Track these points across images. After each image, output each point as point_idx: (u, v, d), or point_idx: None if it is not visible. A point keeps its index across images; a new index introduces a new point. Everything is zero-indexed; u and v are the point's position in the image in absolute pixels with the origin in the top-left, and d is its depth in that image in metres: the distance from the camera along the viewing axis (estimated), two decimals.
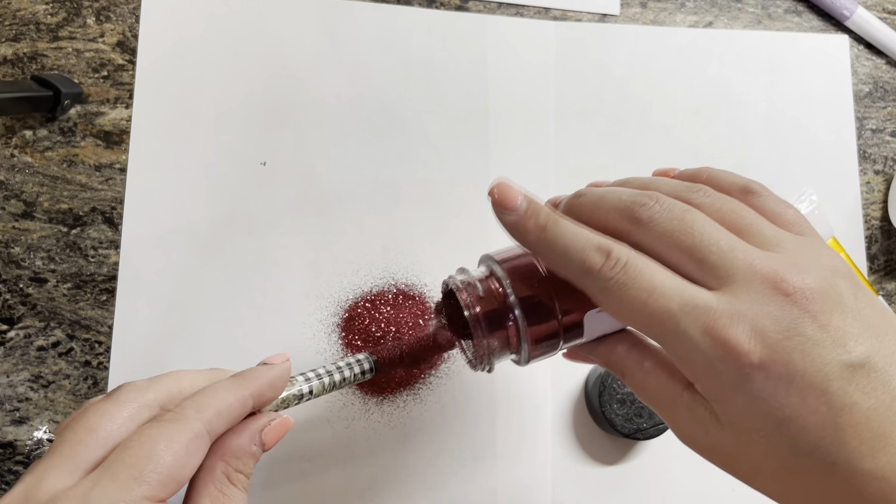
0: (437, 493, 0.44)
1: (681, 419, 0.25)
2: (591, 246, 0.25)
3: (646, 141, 0.50)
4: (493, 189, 0.28)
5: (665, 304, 0.23)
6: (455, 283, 0.30)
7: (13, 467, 0.43)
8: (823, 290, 0.23)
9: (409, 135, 0.49)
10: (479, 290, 0.29)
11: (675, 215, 0.25)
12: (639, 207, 0.25)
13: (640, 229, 0.25)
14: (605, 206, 0.26)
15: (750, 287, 0.23)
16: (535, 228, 0.27)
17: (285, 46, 0.49)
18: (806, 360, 0.22)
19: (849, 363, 0.22)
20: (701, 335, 0.23)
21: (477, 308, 0.28)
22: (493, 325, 0.28)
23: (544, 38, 0.51)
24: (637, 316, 0.24)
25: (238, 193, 0.47)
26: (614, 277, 0.24)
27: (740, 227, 0.25)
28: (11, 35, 0.48)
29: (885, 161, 0.52)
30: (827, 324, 0.22)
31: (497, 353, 0.29)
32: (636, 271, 0.24)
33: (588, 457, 0.46)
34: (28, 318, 0.45)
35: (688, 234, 0.24)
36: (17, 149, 0.47)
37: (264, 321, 0.45)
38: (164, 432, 0.24)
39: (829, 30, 0.54)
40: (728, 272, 0.23)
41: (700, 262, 0.24)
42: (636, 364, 0.27)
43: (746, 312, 0.22)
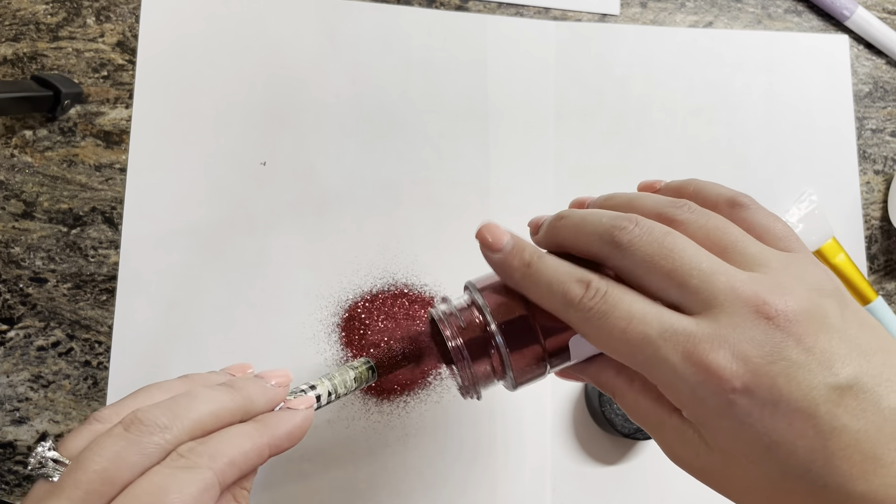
0: (437, 493, 0.44)
1: (671, 442, 0.25)
2: (572, 278, 0.25)
3: (646, 141, 0.50)
4: (480, 230, 0.28)
5: (644, 330, 0.23)
6: (437, 315, 0.30)
7: (13, 467, 0.43)
8: (808, 310, 0.22)
9: (409, 135, 0.49)
10: (461, 320, 0.29)
11: (655, 238, 0.24)
12: (618, 231, 0.25)
13: (621, 253, 0.25)
14: (587, 230, 0.26)
15: (732, 311, 0.22)
16: (520, 266, 0.27)
17: (285, 46, 0.49)
18: (791, 384, 0.21)
19: (836, 385, 0.21)
20: (682, 361, 0.22)
21: (459, 339, 0.28)
22: (475, 354, 0.28)
23: (544, 38, 0.51)
24: (618, 344, 0.24)
25: (238, 193, 0.47)
26: (594, 307, 0.24)
27: (724, 245, 0.25)
28: (11, 35, 0.48)
29: (884, 161, 0.52)
30: (812, 346, 0.22)
31: (483, 381, 0.29)
32: (615, 299, 0.24)
33: (588, 457, 0.46)
34: (28, 318, 0.45)
35: (668, 258, 0.24)
36: (17, 149, 0.47)
37: (264, 321, 0.45)
38: (176, 484, 0.23)
39: (829, 30, 0.54)
40: (709, 297, 0.23)
41: (681, 287, 0.24)
42: (625, 386, 0.27)
43: (728, 337, 0.22)
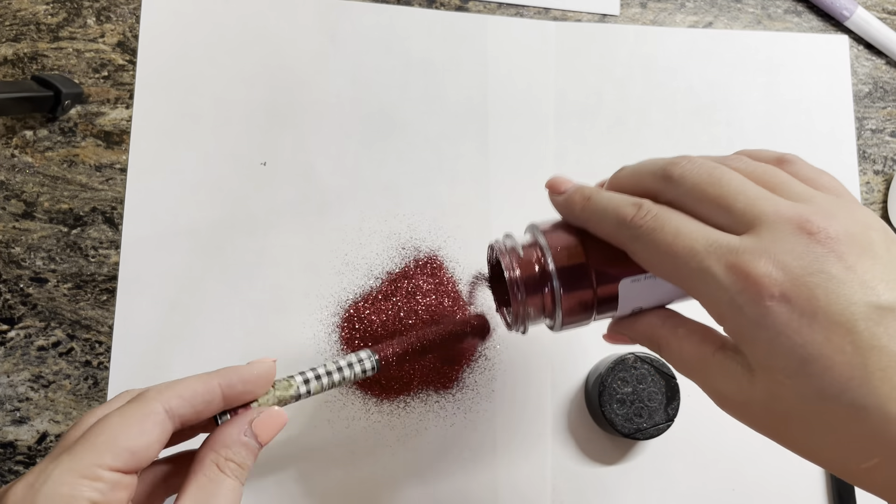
0: (437, 493, 0.44)
1: (715, 378, 0.25)
2: (626, 203, 0.27)
3: (646, 141, 0.50)
4: (549, 180, 0.32)
5: (690, 244, 0.24)
6: (500, 247, 0.31)
7: (13, 467, 0.43)
8: (852, 234, 0.23)
9: (409, 135, 0.49)
10: (521, 254, 0.30)
11: (705, 170, 0.26)
12: (671, 166, 0.27)
13: (672, 186, 0.26)
14: (643, 171, 0.28)
15: (775, 228, 0.23)
16: (581, 200, 0.29)
17: (285, 47, 0.49)
18: (830, 297, 0.22)
19: (877, 305, 0.21)
20: (724, 271, 0.23)
21: (517, 271, 0.30)
22: (530, 288, 0.30)
23: (544, 38, 0.51)
24: (664, 258, 0.25)
25: (238, 193, 0.47)
26: (644, 225, 0.26)
27: (772, 185, 0.26)
28: (12, 35, 0.48)
29: (884, 161, 0.52)
30: (853, 265, 0.22)
31: (532, 316, 0.31)
32: (664, 219, 0.25)
33: (588, 457, 0.46)
34: (28, 318, 0.45)
35: (715, 185, 0.25)
36: (18, 149, 0.47)
37: (264, 321, 0.45)
38: (121, 412, 0.26)
39: (829, 30, 0.54)
40: (754, 217, 0.24)
41: (727, 210, 0.25)
42: (671, 332, 0.28)
43: (769, 249, 0.23)
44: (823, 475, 0.47)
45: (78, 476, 0.24)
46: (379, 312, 0.45)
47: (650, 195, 0.27)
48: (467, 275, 0.47)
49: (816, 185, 0.26)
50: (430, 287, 0.46)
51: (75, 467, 0.24)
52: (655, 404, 0.42)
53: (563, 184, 0.31)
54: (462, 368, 0.46)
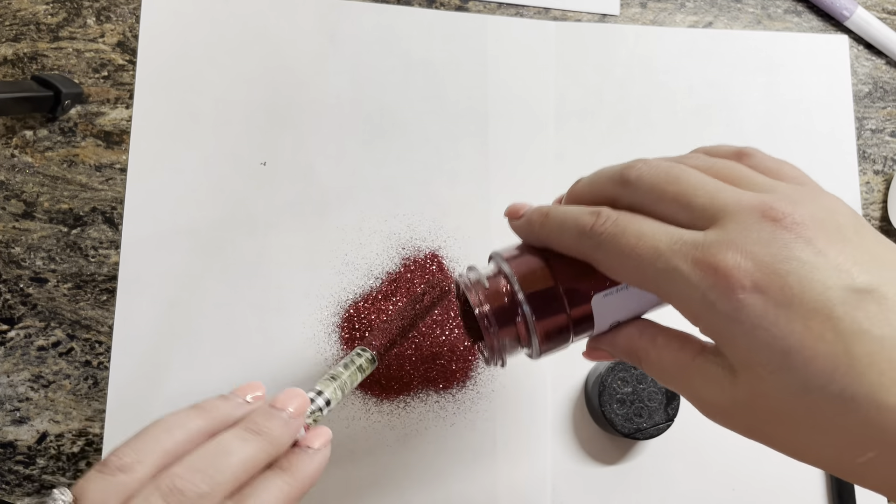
0: (437, 493, 0.44)
1: (696, 385, 0.25)
2: (584, 212, 0.26)
3: (646, 141, 0.50)
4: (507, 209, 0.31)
5: (653, 244, 0.24)
6: (464, 282, 0.31)
7: (13, 467, 0.43)
8: (819, 219, 0.22)
9: (409, 135, 0.49)
10: (486, 286, 0.30)
11: (662, 170, 0.25)
12: (627, 170, 0.26)
13: (630, 189, 0.26)
14: (599, 179, 0.28)
15: (738, 219, 0.22)
16: (539, 218, 0.28)
17: (285, 47, 0.49)
18: (804, 283, 0.21)
19: (854, 288, 0.20)
20: (691, 268, 0.22)
21: (486, 305, 0.29)
22: (501, 320, 0.29)
23: (544, 38, 0.51)
24: (629, 263, 0.24)
25: (238, 193, 0.47)
26: (605, 231, 0.25)
27: (732, 178, 0.25)
28: (12, 35, 0.48)
29: (884, 161, 0.52)
30: (824, 249, 0.21)
31: (508, 348, 0.30)
32: (624, 223, 0.25)
33: (588, 457, 0.46)
34: (28, 318, 0.45)
35: (673, 183, 0.25)
36: (18, 149, 0.47)
37: (264, 321, 0.45)
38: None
39: (829, 30, 0.54)
40: (716, 210, 0.23)
41: (688, 207, 0.24)
42: (649, 342, 0.27)
43: (735, 240, 0.22)
44: (823, 475, 0.47)
45: None
46: (379, 312, 0.45)
47: (609, 203, 0.27)
48: None
49: (778, 175, 0.26)
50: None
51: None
52: (655, 404, 0.42)
53: (521, 208, 0.30)
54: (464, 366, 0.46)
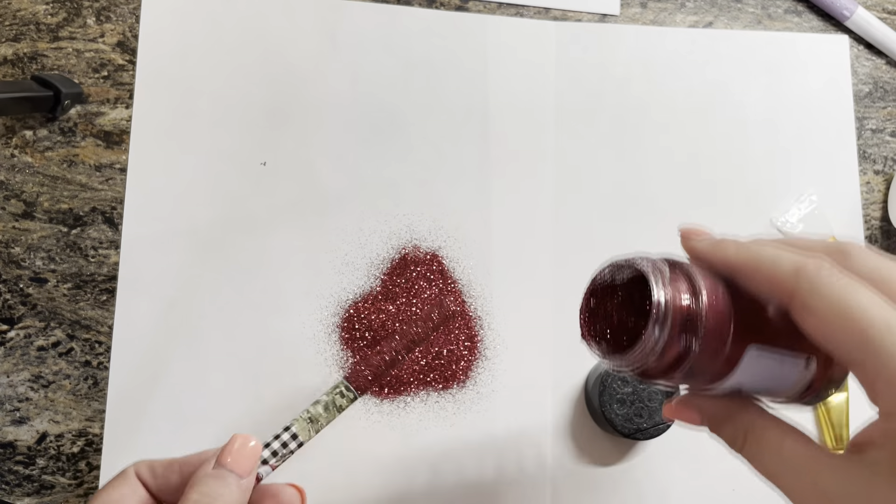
0: (437, 493, 0.44)
1: (827, 479, 0.23)
2: (796, 252, 0.24)
3: (646, 141, 0.50)
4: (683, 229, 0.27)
5: (887, 316, 0.21)
6: (646, 266, 0.25)
7: (14, 467, 0.43)
8: None
9: (410, 135, 0.49)
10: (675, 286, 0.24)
11: (884, 257, 0.24)
12: (850, 245, 0.24)
13: (849, 260, 0.24)
14: (807, 243, 0.25)
15: None
16: (734, 243, 0.25)
17: (285, 46, 0.49)
18: None
19: None
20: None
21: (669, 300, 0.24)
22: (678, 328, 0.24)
23: (544, 38, 0.51)
24: (846, 326, 0.22)
25: (238, 193, 0.47)
26: (827, 278, 0.22)
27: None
28: (12, 35, 0.48)
29: (885, 161, 0.52)
30: None
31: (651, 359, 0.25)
32: (853, 283, 0.22)
33: (588, 457, 0.46)
34: (28, 318, 0.45)
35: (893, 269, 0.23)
36: (18, 149, 0.47)
37: (264, 321, 0.45)
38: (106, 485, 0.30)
39: (829, 30, 0.54)
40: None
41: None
42: (773, 424, 0.25)
43: None
44: None
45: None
46: (379, 312, 0.45)
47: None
48: (467, 275, 0.47)
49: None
50: (430, 287, 0.46)
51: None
52: (655, 404, 0.42)
53: (701, 230, 0.27)
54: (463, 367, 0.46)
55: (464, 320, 0.46)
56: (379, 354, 0.37)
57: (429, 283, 0.46)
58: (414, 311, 0.45)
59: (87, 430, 0.44)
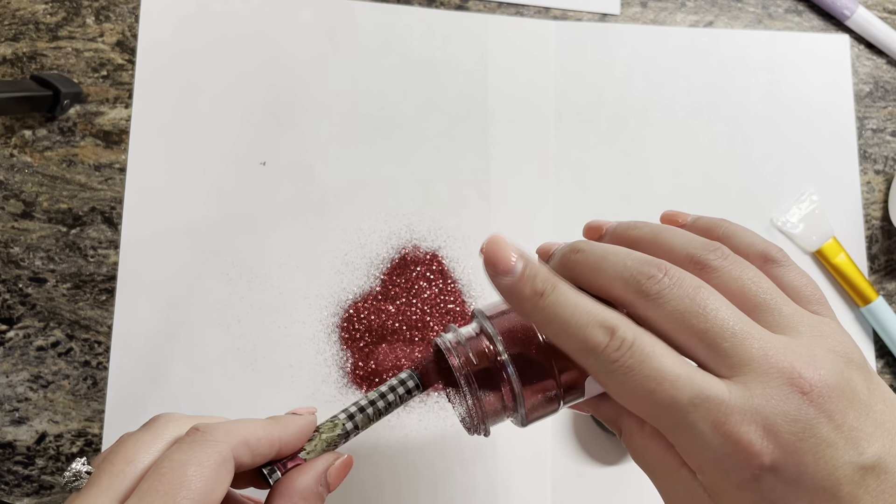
0: (437, 493, 0.44)
1: (675, 493, 0.24)
2: (595, 321, 0.23)
3: (646, 141, 0.50)
4: (485, 248, 0.25)
5: (674, 394, 0.22)
6: (444, 344, 0.28)
7: (13, 467, 0.43)
8: (839, 385, 0.22)
9: (409, 135, 0.49)
10: (469, 350, 0.27)
11: (687, 293, 0.23)
12: (646, 280, 0.23)
13: (647, 304, 0.23)
14: (608, 272, 0.24)
15: (765, 380, 0.22)
16: (532, 295, 0.24)
17: (285, 46, 0.49)
18: (818, 462, 0.21)
19: (860, 465, 0.21)
20: (711, 430, 0.21)
21: (467, 369, 0.27)
22: (485, 386, 0.26)
23: (544, 38, 0.51)
24: (643, 404, 0.23)
25: (238, 193, 0.47)
26: (619, 360, 0.22)
27: (757, 302, 0.24)
28: (11, 35, 0.48)
29: (885, 161, 0.52)
30: (841, 423, 0.21)
31: (492, 416, 0.27)
32: (643, 354, 0.22)
33: (588, 457, 0.46)
34: (27, 318, 0.45)
35: (700, 315, 0.22)
36: (17, 148, 0.46)
37: (264, 321, 0.45)
38: (195, 457, 0.24)
39: (830, 29, 0.54)
40: (741, 361, 0.22)
41: (712, 348, 0.22)
42: (637, 426, 0.25)
43: (761, 409, 0.21)
44: None
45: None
46: (379, 312, 0.45)
47: (617, 302, 0.24)
48: (467, 275, 0.47)
49: (801, 298, 0.25)
50: (430, 287, 0.46)
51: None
52: None
53: (506, 260, 0.24)
54: None
55: (464, 320, 0.46)
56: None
57: (429, 283, 0.46)
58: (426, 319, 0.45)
59: (86, 431, 0.44)
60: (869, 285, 0.49)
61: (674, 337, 0.23)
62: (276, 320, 0.45)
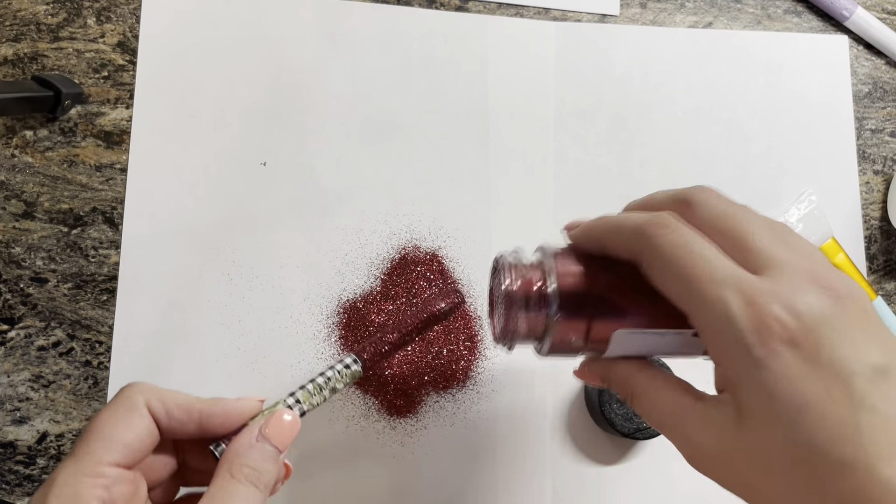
0: (438, 493, 0.44)
1: (693, 429, 0.25)
2: (643, 215, 0.26)
3: (646, 141, 0.50)
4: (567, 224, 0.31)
5: (710, 270, 0.24)
6: (505, 261, 0.30)
7: (13, 467, 0.43)
8: (856, 298, 0.23)
9: (410, 135, 0.49)
10: (525, 272, 0.30)
11: (726, 202, 0.26)
12: (692, 190, 0.27)
13: (692, 210, 0.26)
14: (658, 196, 0.28)
15: (791, 275, 0.23)
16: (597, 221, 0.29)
17: (285, 47, 0.49)
18: (833, 350, 0.22)
19: (876, 365, 0.22)
20: (741, 305, 0.23)
21: (517, 285, 0.29)
22: (527, 306, 0.29)
23: (544, 38, 0.51)
24: (678, 275, 0.24)
25: (238, 194, 0.47)
26: (663, 236, 0.25)
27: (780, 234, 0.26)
28: (12, 35, 0.48)
29: (884, 161, 0.52)
30: (854, 325, 0.23)
31: (521, 335, 0.30)
32: (686, 236, 0.25)
33: (588, 457, 0.46)
34: (29, 318, 0.45)
35: (737, 218, 0.25)
36: (18, 149, 0.47)
37: (264, 321, 0.45)
38: (108, 410, 0.28)
39: (829, 30, 0.54)
40: (771, 260, 0.24)
41: (744, 247, 0.25)
42: (648, 381, 0.27)
43: (786, 295, 0.23)
44: None
45: (81, 476, 0.25)
46: (379, 312, 0.46)
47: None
48: (467, 275, 0.47)
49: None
50: (429, 287, 0.46)
51: (78, 468, 0.26)
52: None
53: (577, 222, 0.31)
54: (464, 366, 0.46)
55: (464, 320, 0.46)
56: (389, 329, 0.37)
57: (429, 283, 0.47)
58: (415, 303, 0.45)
59: None
60: (868, 285, 0.49)
61: (713, 237, 0.25)
62: (276, 320, 0.45)
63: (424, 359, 0.45)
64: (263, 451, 0.28)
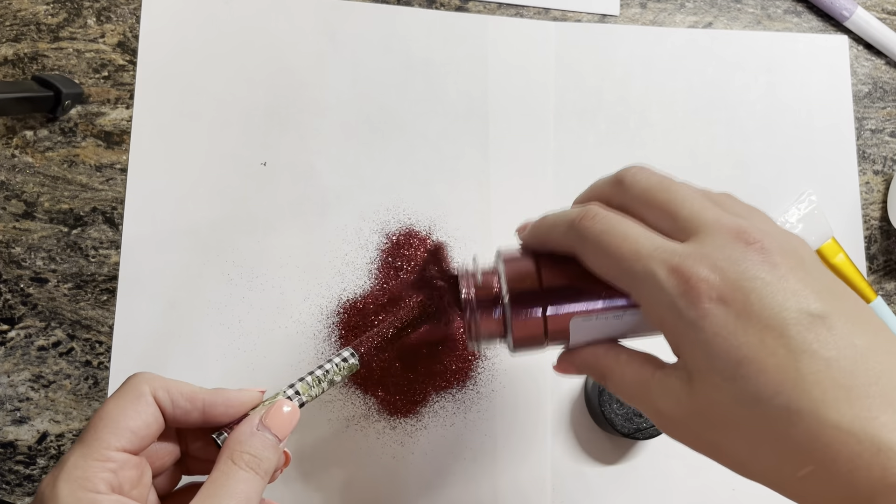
0: (438, 493, 0.44)
1: (656, 398, 0.26)
2: (574, 210, 0.28)
3: (645, 141, 0.50)
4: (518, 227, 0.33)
5: (635, 247, 0.25)
6: (461, 270, 0.33)
7: (14, 467, 0.43)
8: (785, 248, 0.24)
9: (410, 135, 0.49)
10: (479, 277, 0.32)
11: (657, 177, 0.28)
12: (624, 171, 0.28)
13: (622, 189, 0.28)
14: (598, 182, 0.30)
15: (715, 236, 0.24)
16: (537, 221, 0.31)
17: (285, 47, 0.49)
18: (764, 301, 0.22)
19: (808, 311, 0.22)
20: (667, 274, 0.24)
21: (472, 293, 0.31)
22: (482, 309, 0.31)
23: (544, 38, 0.51)
24: (610, 260, 0.26)
25: (238, 194, 0.47)
26: (591, 227, 0.27)
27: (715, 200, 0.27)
28: (12, 35, 0.48)
29: (884, 161, 0.52)
30: (786, 275, 0.23)
31: (485, 336, 0.32)
32: (611, 221, 0.26)
33: (588, 457, 0.46)
34: (29, 318, 0.45)
35: (665, 191, 0.27)
36: (18, 149, 0.47)
37: (264, 321, 0.45)
38: (115, 397, 0.28)
39: (829, 30, 0.54)
40: (697, 225, 0.25)
41: (672, 216, 0.26)
42: (614, 360, 0.29)
43: (709, 255, 0.24)
44: None
45: (90, 460, 0.26)
46: (379, 312, 0.46)
47: (603, 201, 0.29)
48: None
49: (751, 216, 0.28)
50: None
51: (87, 452, 0.26)
52: None
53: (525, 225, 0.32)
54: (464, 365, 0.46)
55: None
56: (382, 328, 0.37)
57: None
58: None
59: None
60: (868, 285, 0.49)
61: (643, 213, 0.27)
62: (276, 320, 0.45)
63: (424, 359, 0.45)
64: (264, 440, 0.29)
